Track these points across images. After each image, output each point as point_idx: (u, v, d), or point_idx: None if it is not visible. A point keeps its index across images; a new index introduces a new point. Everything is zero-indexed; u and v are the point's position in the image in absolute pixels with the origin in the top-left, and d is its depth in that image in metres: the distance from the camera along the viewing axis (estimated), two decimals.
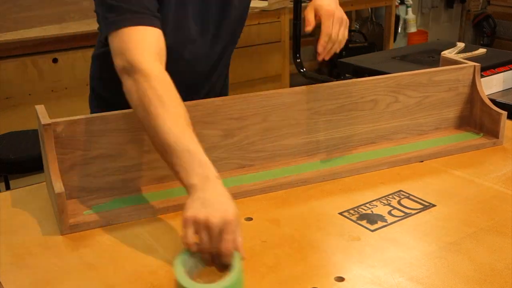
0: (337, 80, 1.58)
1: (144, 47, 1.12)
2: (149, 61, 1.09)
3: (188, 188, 0.98)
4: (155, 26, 1.16)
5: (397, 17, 4.99)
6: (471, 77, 1.60)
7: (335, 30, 1.29)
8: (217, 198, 0.95)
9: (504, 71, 2.16)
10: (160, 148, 1.04)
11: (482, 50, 2.35)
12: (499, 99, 2.00)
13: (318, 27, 1.33)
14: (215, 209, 0.93)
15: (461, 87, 1.60)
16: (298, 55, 3.62)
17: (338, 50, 1.32)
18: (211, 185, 0.97)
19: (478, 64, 1.60)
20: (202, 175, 0.98)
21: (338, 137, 1.46)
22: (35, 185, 1.31)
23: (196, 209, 0.93)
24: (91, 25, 3.08)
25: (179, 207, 1.20)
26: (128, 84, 1.09)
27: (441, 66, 1.62)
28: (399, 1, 5.01)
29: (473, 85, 1.60)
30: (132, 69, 1.09)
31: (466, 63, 1.61)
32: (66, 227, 1.12)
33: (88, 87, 1.65)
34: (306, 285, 0.97)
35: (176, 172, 1.00)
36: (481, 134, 1.57)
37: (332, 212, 1.20)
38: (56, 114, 1.20)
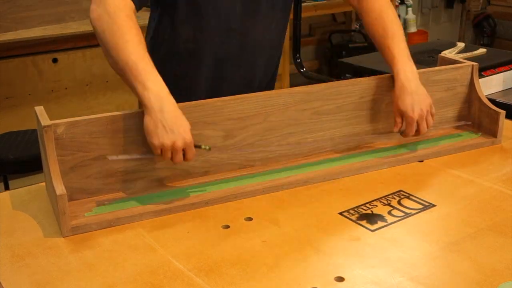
0: (337, 80, 1.57)
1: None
2: (122, 1, 1.24)
3: (144, 103, 1.16)
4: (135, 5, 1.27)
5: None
6: (469, 76, 1.60)
7: (420, 130, 1.39)
8: (175, 121, 1.15)
9: (504, 71, 2.16)
10: (121, 66, 1.18)
11: (482, 50, 2.35)
12: (499, 99, 2.00)
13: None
14: (177, 134, 1.14)
15: (459, 86, 1.60)
16: (298, 55, 3.63)
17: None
18: (166, 104, 1.15)
19: (476, 63, 1.60)
20: (154, 91, 1.15)
21: (338, 137, 1.46)
22: (34, 185, 1.31)
23: (161, 136, 1.14)
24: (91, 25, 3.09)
25: (180, 208, 1.20)
26: (98, 12, 1.22)
27: (438, 66, 1.62)
28: (399, 1, 5.01)
29: (471, 85, 1.60)
30: (105, 4, 1.22)
31: (463, 62, 1.61)
32: (67, 229, 1.12)
33: (87, 87, 1.66)
34: (306, 285, 0.97)
35: (134, 87, 1.17)
36: (480, 133, 1.57)
37: (332, 212, 1.20)
38: (56, 114, 1.21)
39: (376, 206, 1.23)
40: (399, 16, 5.02)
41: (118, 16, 1.20)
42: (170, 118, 1.15)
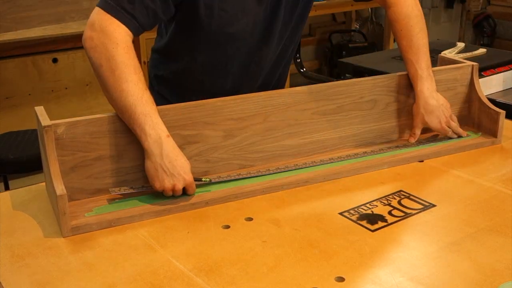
0: (337, 80, 1.57)
1: (121, 30, 1.22)
2: (121, 32, 1.21)
3: (144, 148, 1.19)
4: (132, 33, 1.24)
5: None
6: (469, 76, 1.60)
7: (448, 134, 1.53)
8: (175, 164, 1.18)
9: (504, 71, 2.16)
10: (119, 107, 1.19)
11: (482, 50, 2.35)
12: (499, 99, 2.00)
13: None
14: (177, 177, 1.18)
15: (459, 86, 1.60)
16: (298, 55, 3.63)
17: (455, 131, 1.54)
18: (165, 148, 1.18)
19: (476, 63, 1.61)
20: (155, 136, 1.17)
21: (338, 137, 1.46)
22: (34, 185, 1.31)
23: (162, 180, 1.18)
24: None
25: (180, 208, 1.20)
26: (95, 43, 1.20)
27: (439, 66, 1.62)
28: None
29: (471, 85, 1.60)
30: (103, 35, 1.20)
31: (463, 62, 1.61)
32: (68, 229, 1.12)
33: (87, 87, 1.67)
34: (306, 285, 0.97)
35: (134, 130, 1.19)
36: (480, 133, 1.57)
37: (332, 212, 1.20)
38: (56, 114, 1.21)
39: (376, 206, 1.23)
40: None
41: (117, 52, 1.18)
42: (169, 162, 1.18)
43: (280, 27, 1.42)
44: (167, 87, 1.52)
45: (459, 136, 1.54)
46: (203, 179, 1.27)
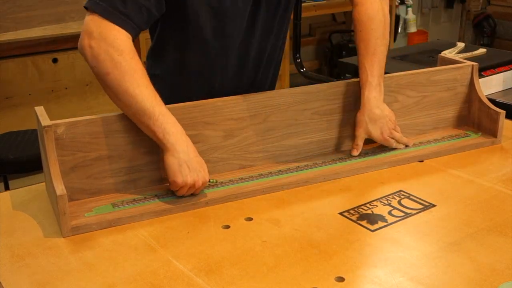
0: (337, 80, 1.57)
1: (122, 36, 1.21)
2: (122, 38, 1.21)
3: (167, 146, 1.19)
4: (131, 35, 1.23)
5: (397, 17, 4.99)
6: (469, 76, 1.60)
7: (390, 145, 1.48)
8: (198, 160, 1.22)
9: (504, 71, 2.16)
10: (135, 111, 1.19)
11: (482, 50, 2.35)
12: (499, 99, 2.00)
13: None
14: (199, 173, 1.21)
15: (459, 86, 1.60)
16: (298, 55, 3.63)
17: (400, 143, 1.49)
18: (189, 145, 1.21)
19: (476, 63, 1.61)
20: (175, 133, 1.20)
21: (337, 137, 1.46)
22: (34, 185, 1.31)
23: (185, 175, 1.19)
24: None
25: (180, 208, 1.20)
26: (95, 53, 1.19)
27: (439, 66, 1.62)
28: (399, 1, 5.01)
29: (471, 85, 1.60)
30: (104, 43, 1.19)
31: (464, 62, 1.61)
32: (68, 229, 1.12)
33: (87, 87, 1.66)
34: (306, 285, 0.97)
35: (152, 131, 1.19)
36: (480, 133, 1.57)
37: (332, 212, 1.20)
38: (56, 114, 1.21)
39: (376, 206, 1.23)
40: (399, 16, 5.04)
41: (123, 58, 1.18)
42: (194, 158, 1.21)
43: (263, 21, 1.40)
44: (164, 87, 1.52)
45: (406, 146, 1.49)
46: (211, 180, 1.27)
